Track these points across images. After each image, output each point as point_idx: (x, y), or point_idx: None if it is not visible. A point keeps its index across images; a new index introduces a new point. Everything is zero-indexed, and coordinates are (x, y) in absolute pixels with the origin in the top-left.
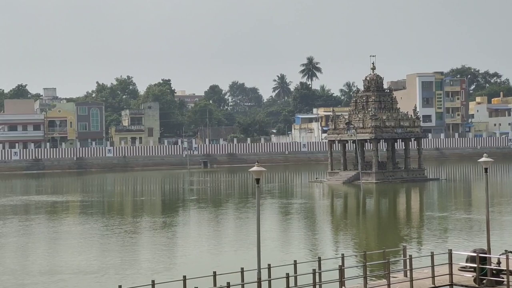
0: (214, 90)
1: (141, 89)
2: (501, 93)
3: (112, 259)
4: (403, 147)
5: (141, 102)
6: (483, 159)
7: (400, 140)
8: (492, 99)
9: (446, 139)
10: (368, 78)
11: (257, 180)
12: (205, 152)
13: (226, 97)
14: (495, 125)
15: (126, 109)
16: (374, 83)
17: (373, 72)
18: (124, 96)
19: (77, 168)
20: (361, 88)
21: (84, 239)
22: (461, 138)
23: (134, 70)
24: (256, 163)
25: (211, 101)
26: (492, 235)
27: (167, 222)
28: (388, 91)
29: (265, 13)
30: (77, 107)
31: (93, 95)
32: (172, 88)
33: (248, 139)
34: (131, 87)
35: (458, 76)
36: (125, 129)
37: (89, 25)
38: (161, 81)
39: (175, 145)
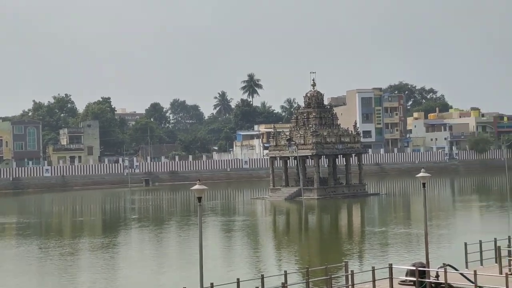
0: (155, 108)
1: (80, 107)
2: (437, 108)
3: (50, 282)
4: (344, 163)
5: (80, 121)
6: (420, 174)
7: (341, 155)
8: (429, 115)
9: (386, 154)
10: (308, 95)
11: (199, 199)
12: (146, 170)
13: (167, 114)
14: (431, 140)
15: (65, 127)
16: (315, 100)
17: (313, 88)
18: (62, 115)
19: (13, 189)
20: (302, 104)
21: (20, 262)
22: (400, 153)
23: (72, 88)
24: (198, 182)
25: (152, 119)
26: (430, 248)
27: (107, 243)
28: (328, 107)
29: (206, 29)
30: (12, 126)
31: (30, 113)
32: (112, 106)
33: (190, 157)
34: (69, 105)
35: (396, 92)
36: (63, 148)
37: (24, 42)
38: (101, 99)
39: (116, 164)
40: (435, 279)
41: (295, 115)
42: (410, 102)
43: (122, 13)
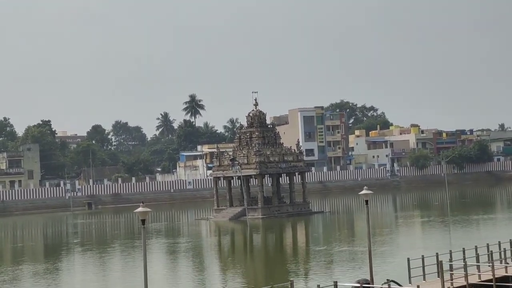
0: (96, 130)
1: (19, 130)
2: (378, 126)
3: None
4: (288, 182)
5: (20, 144)
6: (363, 191)
7: (285, 174)
8: (370, 132)
9: (329, 172)
10: (251, 114)
11: (143, 221)
12: (89, 193)
13: (109, 136)
14: (373, 157)
15: (4, 151)
16: (257, 119)
17: (256, 108)
18: (1, 139)
19: None
20: (245, 124)
21: None
22: (342, 171)
23: (10, 111)
24: (141, 204)
25: (94, 141)
26: (374, 265)
27: (49, 268)
28: (271, 126)
29: (145, 49)
30: None
31: None
32: (53, 129)
33: (133, 179)
34: (8, 129)
35: (338, 110)
36: (2, 172)
37: None
38: (41, 122)
39: (58, 187)
40: None
41: (238, 135)
42: (351, 120)
43: (60, 33)
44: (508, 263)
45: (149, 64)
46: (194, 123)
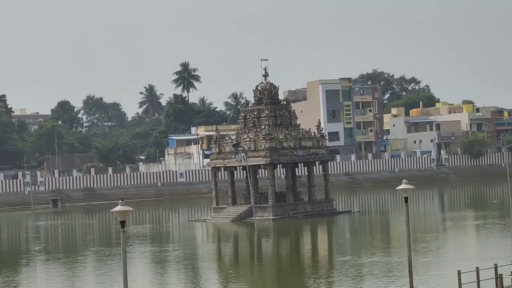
0: (63, 108)
1: None
2: (421, 102)
3: None
4: (306, 173)
5: None
6: (402, 186)
7: (302, 164)
8: (411, 111)
9: (358, 161)
10: (259, 88)
11: (122, 223)
12: (54, 188)
13: (79, 115)
14: (415, 142)
15: None
16: (268, 94)
17: (265, 80)
18: None
19: None
20: (251, 100)
21: None
22: (375, 160)
23: None
24: (120, 201)
25: (60, 122)
26: (416, 280)
27: (5, 282)
28: (285, 103)
29: (128, 8)
30: None
31: None
32: (9, 106)
33: (110, 169)
34: None
35: (369, 83)
36: None
37: None
38: None
39: (15, 180)
40: None
41: (243, 114)
42: (387, 95)
43: None
44: None
45: (129, 24)
46: (187, 98)
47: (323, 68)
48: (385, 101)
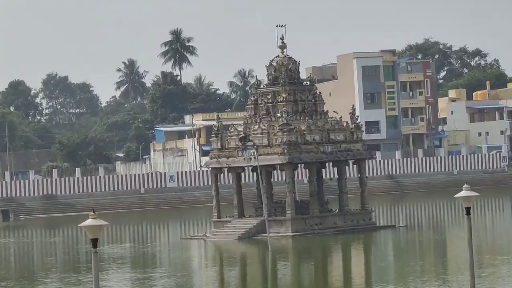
0: (16, 90)
1: None
2: (487, 82)
3: None
4: (336, 176)
5: None
6: (462, 193)
7: (331, 164)
8: (474, 93)
9: (405, 160)
10: (274, 64)
11: (94, 242)
12: (4, 195)
13: (37, 100)
14: (479, 135)
15: None
16: (285, 71)
17: (282, 52)
18: None
19: None
20: (264, 80)
21: None
22: (427, 158)
23: None
24: (92, 213)
25: (12, 108)
26: None
27: None
28: (308, 83)
29: None
30: None
31: None
32: None
33: (77, 171)
34: None
35: (420, 56)
36: None
37: None
38: None
39: None
40: None
41: (253, 98)
42: (443, 73)
43: None
44: None
45: None
46: (179, 77)
47: (358, 37)
48: (440, 81)
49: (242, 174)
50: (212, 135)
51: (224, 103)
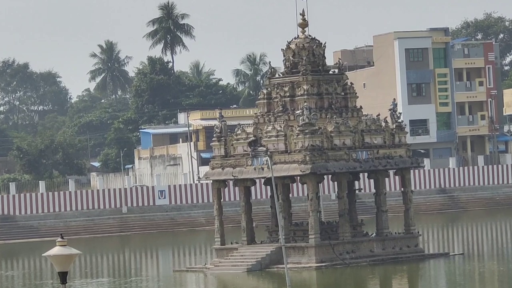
0: None
1: None
2: None
3: None
4: (373, 190)
5: None
6: None
7: (366, 175)
8: None
9: (461, 169)
10: (293, 46)
11: (63, 276)
12: None
13: None
14: None
15: None
16: (307, 56)
17: (303, 32)
18: None
19: None
20: (280, 67)
21: None
22: (490, 167)
23: None
24: (60, 239)
25: None
26: None
27: None
28: (336, 72)
29: None
30: None
31: None
32: None
33: (41, 184)
34: None
35: (479, 36)
36: None
37: None
38: None
39: None
40: None
41: (265, 91)
42: (509, 57)
43: None
44: None
45: None
46: (171, 64)
47: (400, 13)
48: (506, 67)
49: (252, 188)
50: (214, 139)
51: (228, 97)
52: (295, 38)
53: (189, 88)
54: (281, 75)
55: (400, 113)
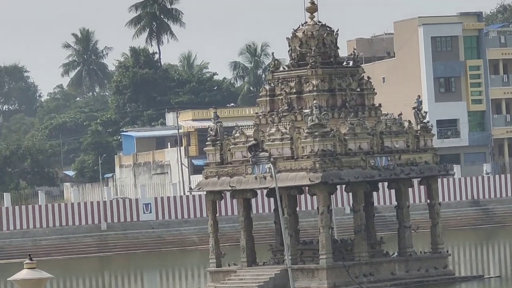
0: None
1: None
2: None
3: None
4: (394, 202)
5: None
6: None
7: (386, 185)
8: None
9: (497, 178)
10: (301, 35)
11: None
12: None
13: None
14: None
15: None
16: (316, 46)
17: (312, 18)
18: None
19: None
20: (285, 59)
21: None
22: None
23: None
24: (28, 261)
25: None
26: None
27: None
28: (350, 64)
29: None
30: None
31: None
32: None
33: (6, 197)
34: None
35: None
36: None
37: None
38: None
39: None
40: None
41: (268, 86)
42: None
43: None
44: None
45: None
46: (157, 56)
47: None
48: None
49: (253, 200)
50: (208, 143)
51: (225, 94)
52: (302, 25)
53: (179, 83)
54: (286, 68)
55: (425, 112)
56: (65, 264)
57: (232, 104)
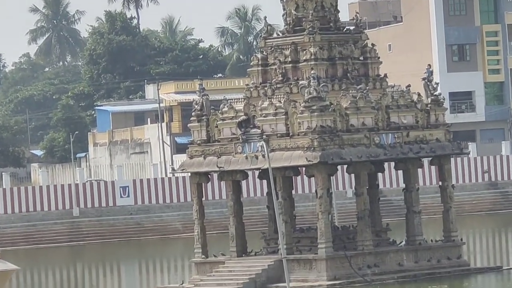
0: None
1: None
2: None
3: None
4: (402, 185)
5: None
6: None
7: (393, 165)
8: None
9: None
10: None
11: None
12: None
13: None
14: None
15: None
16: (314, 9)
17: None
18: None
19: None
20: (278, 25)
21: None
22: None
23: None
24: None
25: None
26: None
27: None
28: (352, 29)
29: None
30: None
31: None
32: None
33: None
34: None
35: None
36: None
37: None
38: None
39: None
40: None
41: (260, 55)
42: None
43: None
44: None
45: None
46: (135, 21)
47: None
48: None
49: (244, 183)
50: (192, 118)
51: (211, 64)
52: None
53: (160, 52)
54: (280, 34)
55: (437, 84)
56: (33, 255)
57: (220, 74)
